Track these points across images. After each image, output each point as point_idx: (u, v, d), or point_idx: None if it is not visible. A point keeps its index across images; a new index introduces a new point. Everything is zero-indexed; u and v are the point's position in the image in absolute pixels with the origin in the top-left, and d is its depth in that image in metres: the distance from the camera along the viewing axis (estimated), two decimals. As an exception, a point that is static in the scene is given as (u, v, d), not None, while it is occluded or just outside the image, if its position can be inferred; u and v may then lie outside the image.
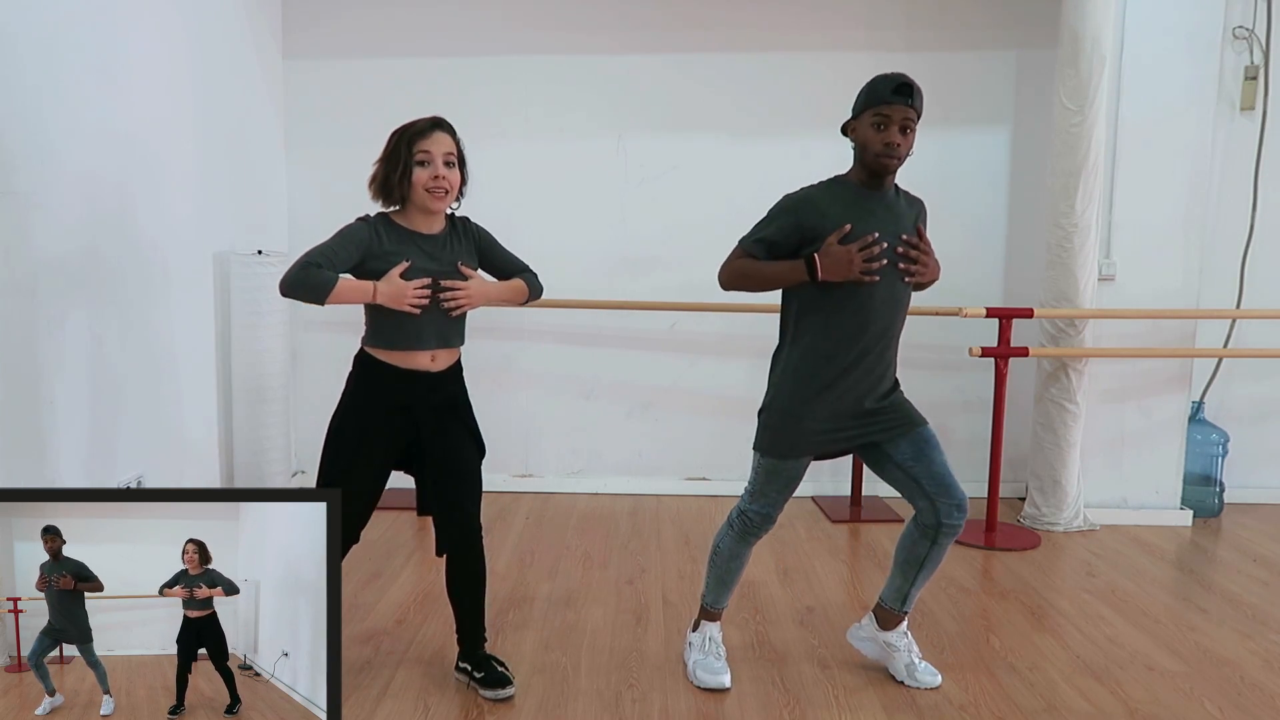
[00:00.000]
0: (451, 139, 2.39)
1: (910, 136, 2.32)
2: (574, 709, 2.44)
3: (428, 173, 2.32)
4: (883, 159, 2.31)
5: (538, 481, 4.63)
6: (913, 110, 2.30)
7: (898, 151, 2.31)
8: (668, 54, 4.44)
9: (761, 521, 2.52)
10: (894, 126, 2.29)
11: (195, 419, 3.68)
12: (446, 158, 2.35)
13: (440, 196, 2.35)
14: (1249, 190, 4.38)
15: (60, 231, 2.81)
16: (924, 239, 2.43)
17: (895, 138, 2.29)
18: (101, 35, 3.03)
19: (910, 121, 2.30)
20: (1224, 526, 4.19)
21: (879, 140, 2.30)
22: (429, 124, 2.37)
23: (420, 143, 2.34)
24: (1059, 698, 2.53)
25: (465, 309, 2.43)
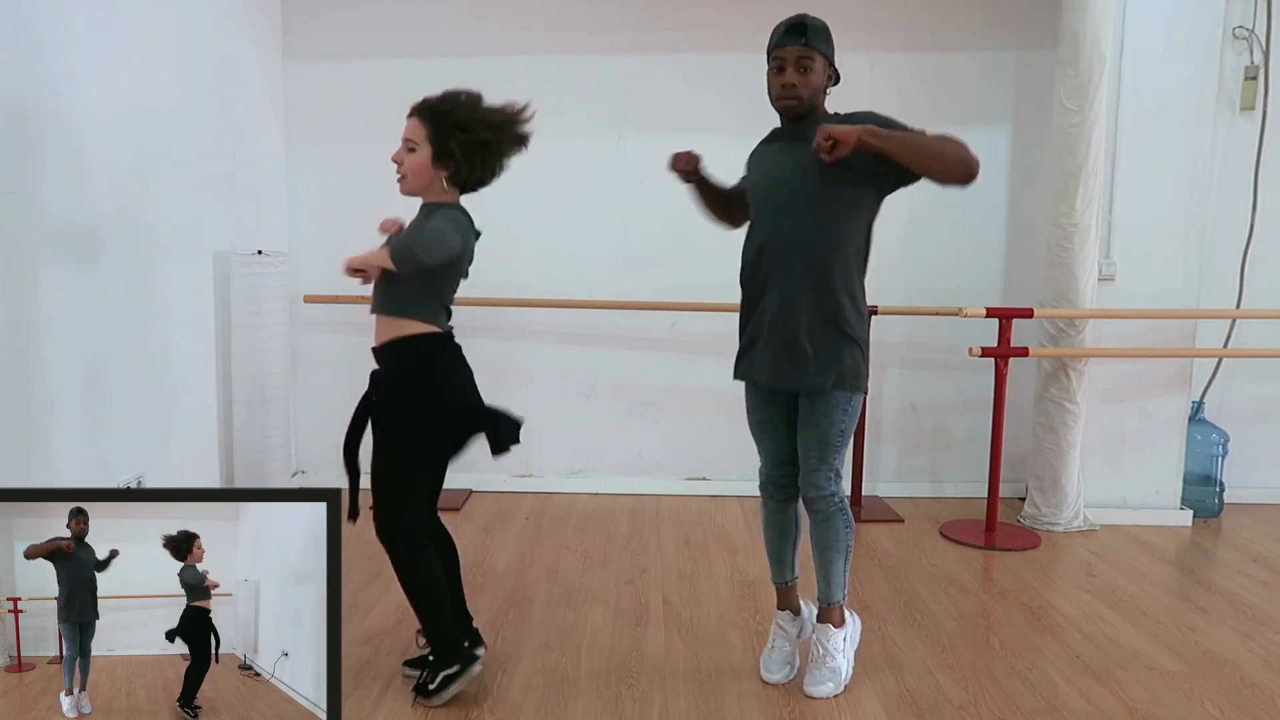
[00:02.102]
0: (419, 122, 2.39)
1: (812, 75, 2.33)
2: (574, 709, 2.44)
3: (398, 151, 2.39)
4: (781, 100, 2.37)
5: (538, 481, 4.63)
6: (808, 49, 2.30)
7: (795, 92, 2.33)
8: (668, 54, 4.44)
9: (767, 478, 2.58)
10: (789, 67, 2.33)
11: (195, 419, 3.68)
12: (407, 143, 2.39)
13: (399, 180, 2.39)
14: (1249, 190, 4.37)
15: (60, 231, 2.81)
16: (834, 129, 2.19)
17: (791, 78, 2.33)
18: (101, 35, 3.03)
19: (808, 60, 2.32)
20: (1224, 526, 4.19)
21: (777, 83, 2.37)
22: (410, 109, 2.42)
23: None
24: (1059, 698, 2.53)
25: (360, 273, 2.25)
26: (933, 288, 4.46)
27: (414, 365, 2.39)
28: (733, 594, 3.27)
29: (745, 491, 4.53)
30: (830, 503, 2.46)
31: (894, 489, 4.60)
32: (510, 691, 2.53)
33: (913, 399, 4.59)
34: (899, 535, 3.97)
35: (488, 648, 2.67)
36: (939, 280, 4.48)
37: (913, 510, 4.34)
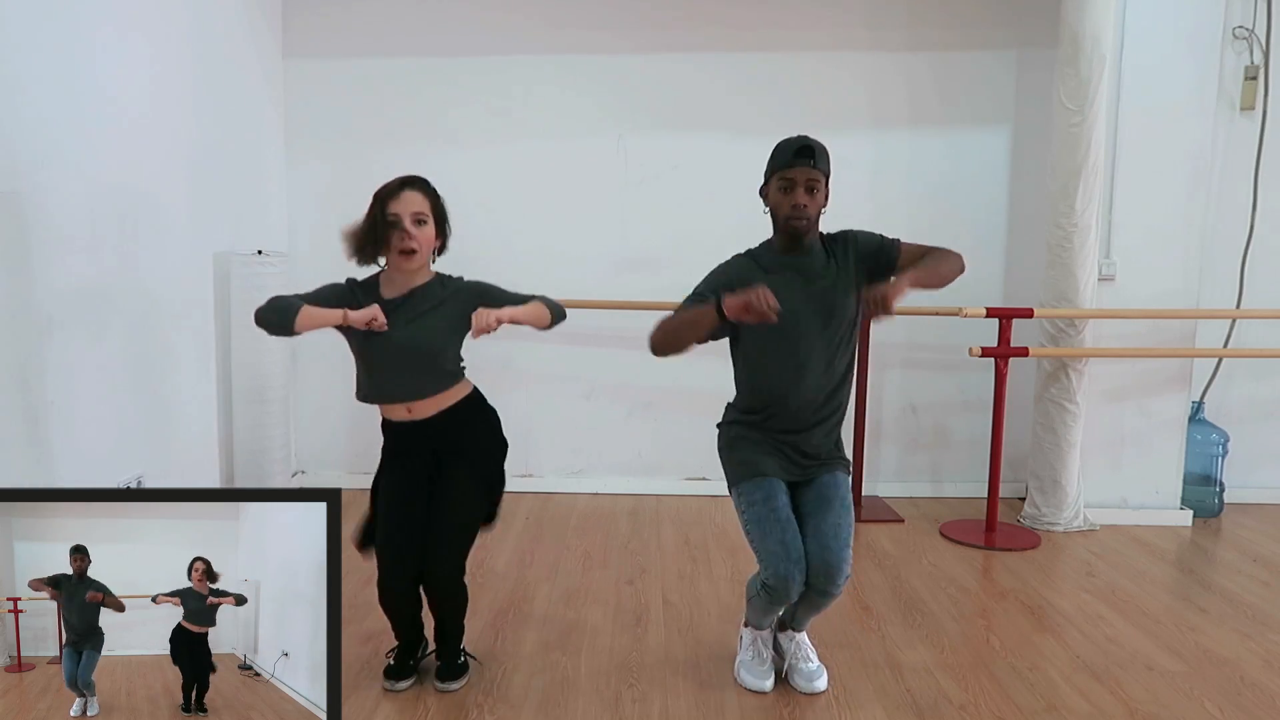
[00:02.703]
0: (422, 195, 2.38)
1: (819, 195, 2.37)
2: (574, 709, 2.44)
3: (397, 235, 2.33)
4: (792, 221, 2.37)
5: (538, 481, 4.63)
6: (816, 170, 2.35)
7: (805, 213, 2.35)
8: (668, 53, 4.44)
9: (780, 584, 2.32)
10: (799, 189, 2.35)
11: (195, 419, 3.68)
12: (416, 216, 2.35)
13: (409, 257, 2.35)
14: (1249, 190, 4.37)
15: (59, 231, 2.81)
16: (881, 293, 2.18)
17: (801, 199, 2.34)
18: (101, 35, 3.03)
19: (816, 181, 2.36)
20: (1224, 526, 4.19)
21: (786, 203, 2.37)
22: (398, 184, 2.37)
23: (390, 204, 2.34)
24: (1059, 698, 2.53)
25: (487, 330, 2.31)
26: (933, 288, 4.45)
27: (487, 416, 2.57)
28: (733, 594, 3.27)
29: (745, 491, 4.53)
30: (843, 584, 2.37)
31: (894, 489, 4.60)
32: (510, 691, 2.53)
33: (913, 399, 4.59)
34: (899, 535, 3.97)
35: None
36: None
37: (913, 510, 4.34)
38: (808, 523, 2.39)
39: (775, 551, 2.32)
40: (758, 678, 2.56)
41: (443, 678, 2.54)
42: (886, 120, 4.45)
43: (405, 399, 2.45)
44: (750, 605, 2.56)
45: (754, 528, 2.39)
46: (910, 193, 4.45)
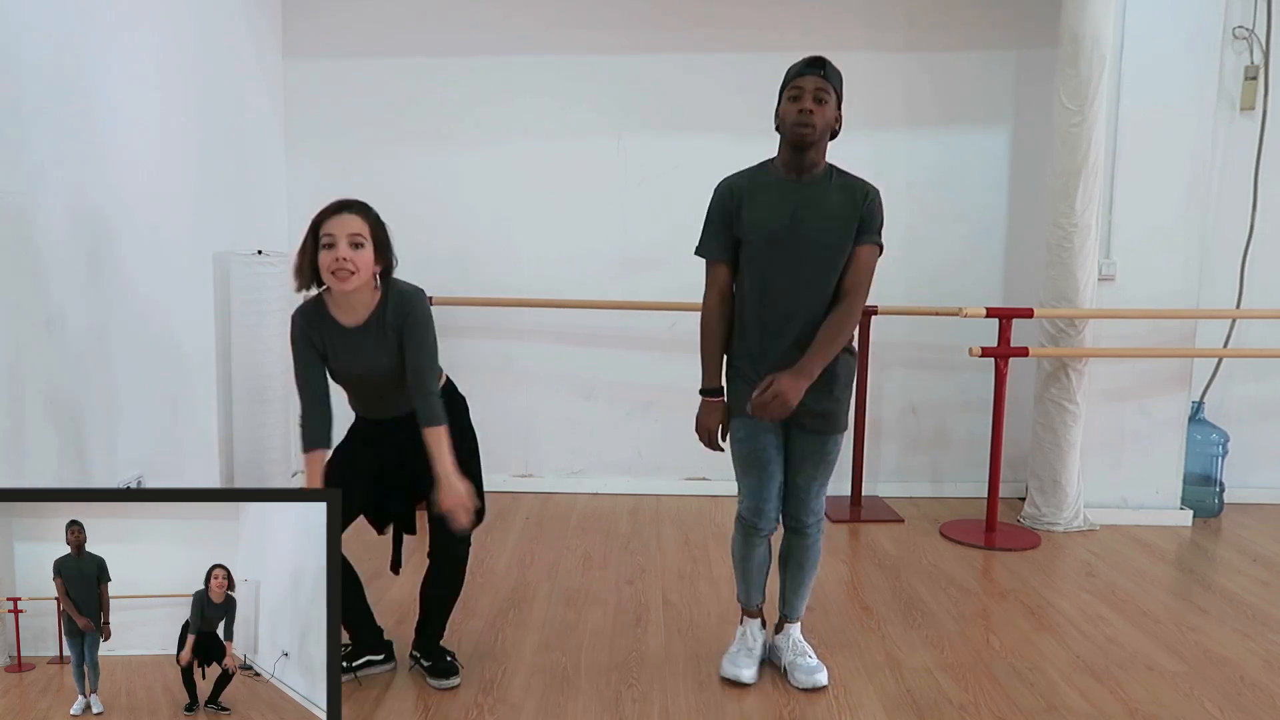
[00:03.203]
0: (361, 219, 2.34)
1: (826, 108, 2.36)
2: (574, 709, 2.44)
3: (331, 255, 2.30)
4: (798, 128, 2.36)
5: (538, 481, 4.63)
6: (825, 81, 2.35)
7: (811, 119, 2.34)
8: (668, 54, 4.44)
9: (753, 516, 2.52)
10: (807, 95, 2.35)
11: (195, 419, 3.68)
12: (352, 239, 2.31)
13: (344, 278, 2.32)
14: (1249, 190, 4.37)
15: (59, 231, 2.80)
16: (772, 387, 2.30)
17: (809, 105, 2.34)
18: (101, 34, 3.03)
19: (824, 92, 2.36)
20: (1224, 526, 4.19)
21: (793, 110, 2.37)
22: (336, 206, 2.36)
23: (325, 225, 2.32)
24: (1059, 698, 2.53)
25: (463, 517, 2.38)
26: (933, 288, 4.46)
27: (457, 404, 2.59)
28: (732, 594, 3.26)
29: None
30: (820, 525, 2.60)
31: (894, 489, 4.60)
32: (510, 691, 2.53)
33: (913, 399, 4.59)
34: (899, 535, 3.97)
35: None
36: (939, 280, 4.48)
37: (913, 510, 4.34)
38: (788, 470, 2.52)
39: (750, 487, 2.53)
40: (737, 666, 2.58)
41: (436, 675, 2.55)
42: (886, 120, 4.45)
43: (390, 413, 2.52)
44: (734, 564, 2.65)
45: (738, 463, 2.55)
46: (910, 193, 4.45)
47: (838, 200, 2.41)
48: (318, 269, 2.33)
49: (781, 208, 2.41)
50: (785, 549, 2.62)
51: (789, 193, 2.42)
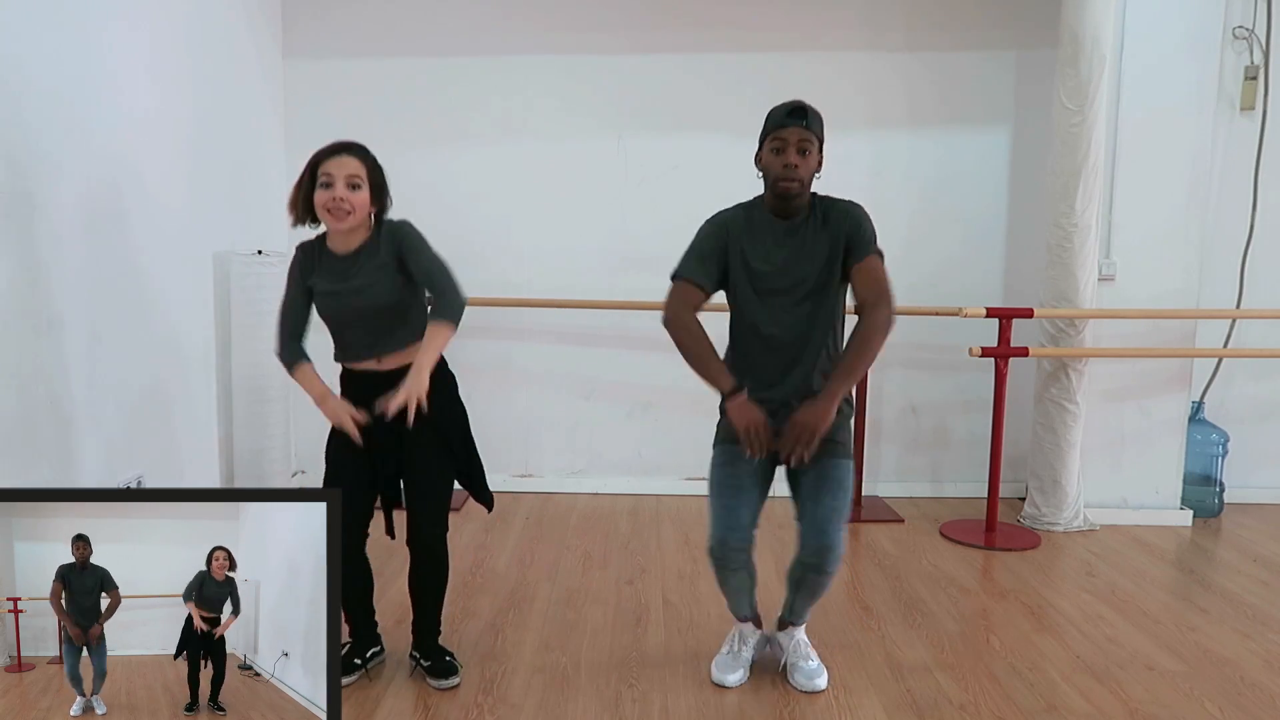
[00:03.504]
0: (359, 161, 2.39)
1: (810, 158, 2.37)
2: (574, 709, 2.44)
3: (327, 194, 2.35)
4: (782, 182, 2.37)
5: (538, 481, 4.63)
6: (809, 132, 2.35)
7: (796, 174, 2.35)
8: (668, 54, 4.44)
9: (719, 549, 2.38)
10: (790, 149, 2.35)
11: (195, 419, 3.68)
12: (350, 180, 2.36)
13: (341, 217, 2.36)
14: (1249, 190, 4.38)
15: (59, 231, 2.81)
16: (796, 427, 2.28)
17: (793, 159, 2.35)
18: (101, 35, 3.03)
19: (808, 143, 2.36)
20: (1224, 526, 4.19)
21: (778, 164, 2.37)
22: (335, 147, 2.40)
23: (324, 165, 2.37)
24: (1059, 698, 2.53)
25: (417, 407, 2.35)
26: (933, 288, 4.46)
27: (447, 379, 2.57)
28: (733, 594, 3.27)
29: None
30: (837, 563, 2.38)
31: (894, 489, 4.60)
32: (510, 691, 2.53)
33: (913, 399, 4.59)
34: (899, 535, 3.97)
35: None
36: (939, 280, 4.48)
37: (913, 510, 4.34)
38: (805, 505, 2.41)
39: (718, 515, 2.41)
40: (722, 671, 2.57)
41: (436, 675, 2.55)
42: (886, 121, 4.45)
43: (377, 354, 2.47)
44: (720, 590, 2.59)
45: (710, 489, 2.49)
46: (910, 193, 4.45)
47: (823, 239, 2.42)
48: (312, 205, 2.38)
49: (775, 253, 2.43)
50: (798, 578, 2.45)
51: (780, 237, 2.44)
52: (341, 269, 2.44)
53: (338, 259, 2.45)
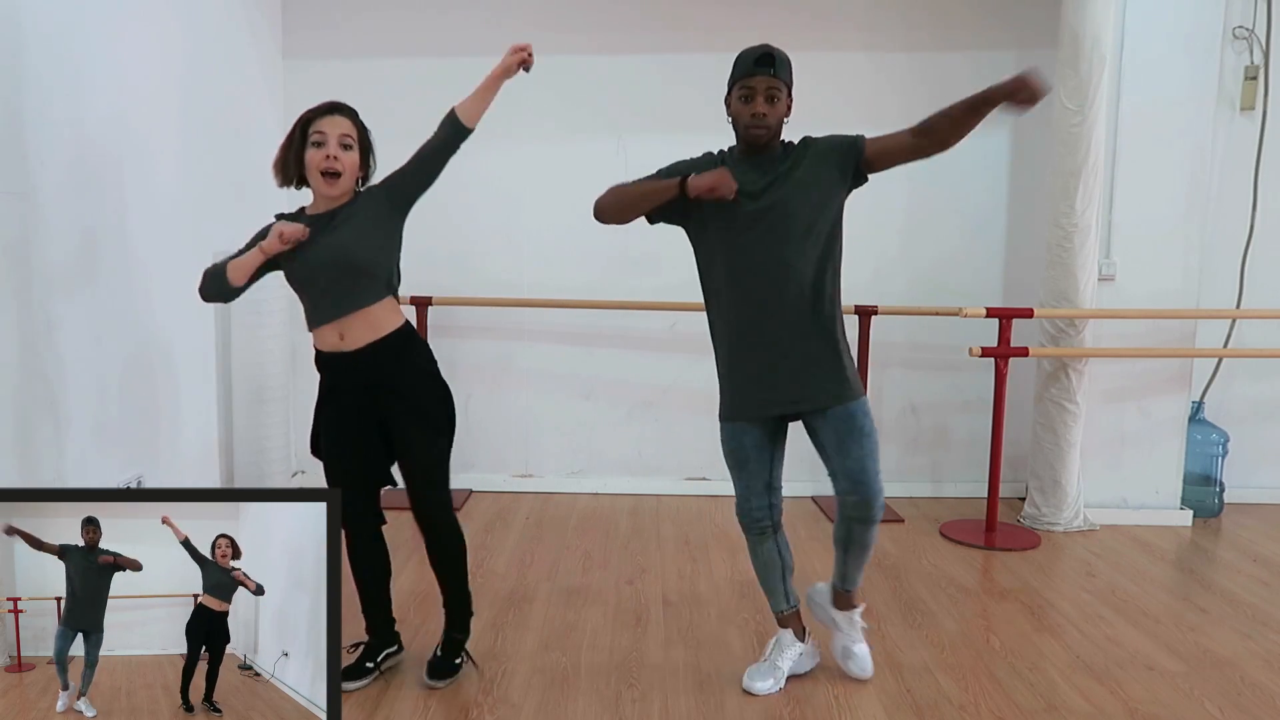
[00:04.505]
0: (350, 122, 2.40)
1: (779, 105, 2.37)
2: (574, 709, 2.44)
3: (321, 153, 2.33)
4: (751, 129, 2.37)
5: (538, 481, 4.63)
6: (776, 79, 2.34)
7: (765, 121, 2.35)
8: (668, 54, 4.44)
9: (743, 510, 2.51)
10: (759, 97, 2.35)
11: (195, 419, 3.68)
12: (342, 139, 2.36)
13: (332, 180, 2.34)
14: (1249, 190, 4.37)
15: (59, 231, 2.80)
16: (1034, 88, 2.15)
17: (761, 108, 2.35)
18: (101, 35, 3.03)
19: (776, 90, 2.36)
20: (1224, 526, 4.19)
21: (746, 112, 2.37)
22: (327, 107, 2.40)
23: (316, 123, 2.36)
24: (1059, 698, 2.53)
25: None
26: (933, 288, 4.45)
27: (420, 349, 2.51)
28: (733, 594, 3.27)
29: (745, 491, 4.53)
30: (882, 508, 2.51)
31: (894, 489, 4.58)
32: (510, 691, 2.53)
33: (913, 399, 4.59)
34: (899, 535, 3.97)
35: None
36: (939, 280, 4.48)
37: (913, 510, 4.34)
38: (833, 460, 2.44)
39: (735, 485, 2.53)
40: (752, 678, 2.57)
41: (432, 673, 2.54)
42: (885, 121, 4.41)
43: (337, 315, 2.39)
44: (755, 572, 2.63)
45: (728, 465, 2.54)
46: (910, 193, 4.45)
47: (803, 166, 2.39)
48: (301, 166, 2.36)
49: (756, 180, 2.39)
50: (844, 535, 2.53)
51: (758, 167, 2.41)
52: (316, 225, 2.40)
53: (314, 218, 2.43)
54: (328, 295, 2.40)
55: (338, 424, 2.49)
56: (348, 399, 2.47)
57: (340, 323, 2.39)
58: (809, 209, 2.37)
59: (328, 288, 2.39)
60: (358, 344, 2.40)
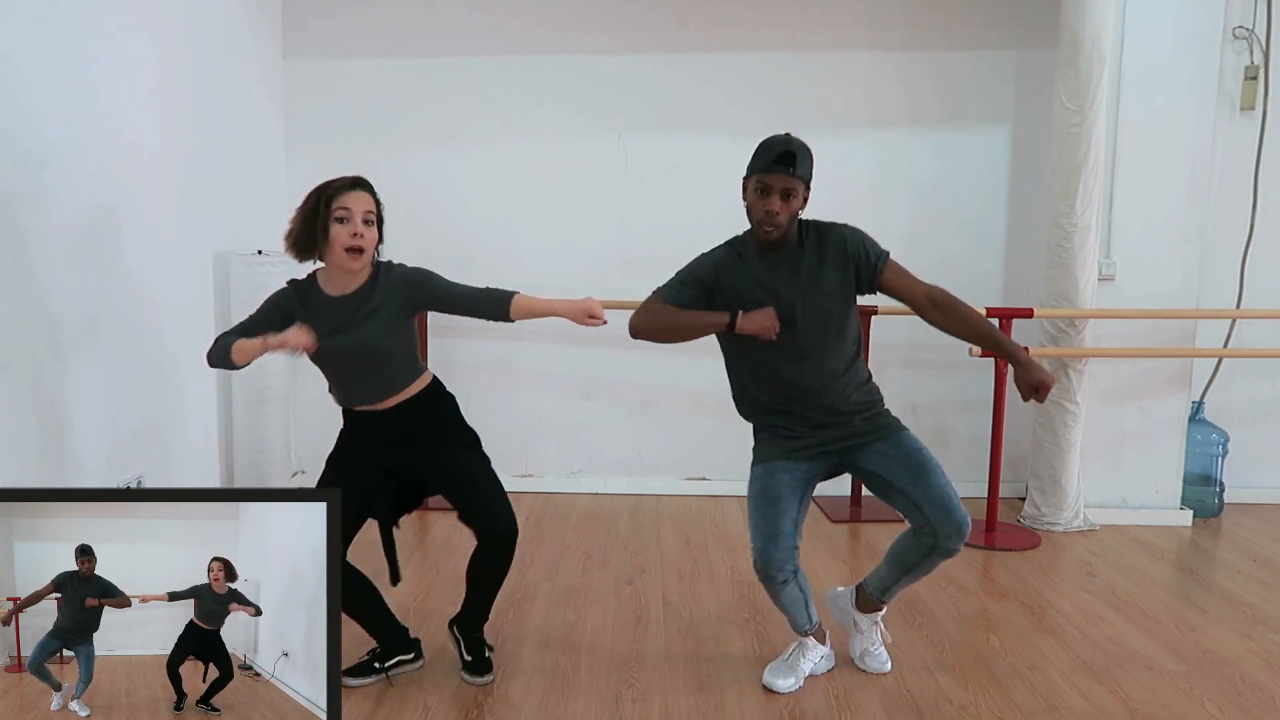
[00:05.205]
0: (371, 198, 2.37)
1: (794, 202, 2.37)
2: (574, 709, 2.44)
3: (346, 230, 2.30)
4: (763, 227, 2.38)
5: (538, 481, 4.63)
6: (795, 179, 2.34)
7: (778, 220, 2.36)
8: (668, 54, 4.44)
9: (761, 559, 2.41)
10: (774, 194, 2.35)
11: (195, 419, 3.68)
12: (365, 215, 2.33)
13: (356, 256, 2.33)
14: (1249, 190, 4.37)
15: (60, 231, 2.81)
16: (1042, 387, 2.41)
17: (775, 205, 2.34)
18: (102, 35, 3.03)
19: (793, 190, 2.35)
20: (1224, 526, 4.19)
21: (760, 207, 2.37)
22: (350, 182, 2.36)
23: (340, 199, 2.31)
24: (1059, 698, 2.53)
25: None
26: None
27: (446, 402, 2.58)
28: (733, 594, 3.27)
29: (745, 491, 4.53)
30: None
31: (894, 489, 4.60)
32: (510, 691, 2.53)
33: (913, 399, 4.59)
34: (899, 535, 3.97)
35: None
36: (939, 280, 4.41)
37: (913, 510, 4.33)
38: (911, 493, 2.42)
39: (756, 527, 2.44)
40: (774, 675, 2.56)
41: (473, 671, 2.56)
42: (886, 121, 4.45)
43: (371, 402, 2.46)
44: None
45: (749, 504, 2.50)
46: (909, 193, 4.45)
47: (826, 263, 2.43)
48: (315, 240, 2.32)
49: (772, 279, 2.42)
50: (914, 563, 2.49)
51: (773, 266, 2.43)
52: (336, 312, 2.38)
53: (334, 302, 2.39)
54: (358, 383, 2.45)
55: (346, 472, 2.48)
56: (370, 452, 2.49)
57: (372, 403, 2.47)
58: (836, 310, 2.44)
59: (358, 378, 2.44)
60: (388, 405, 2.46)
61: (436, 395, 2.54)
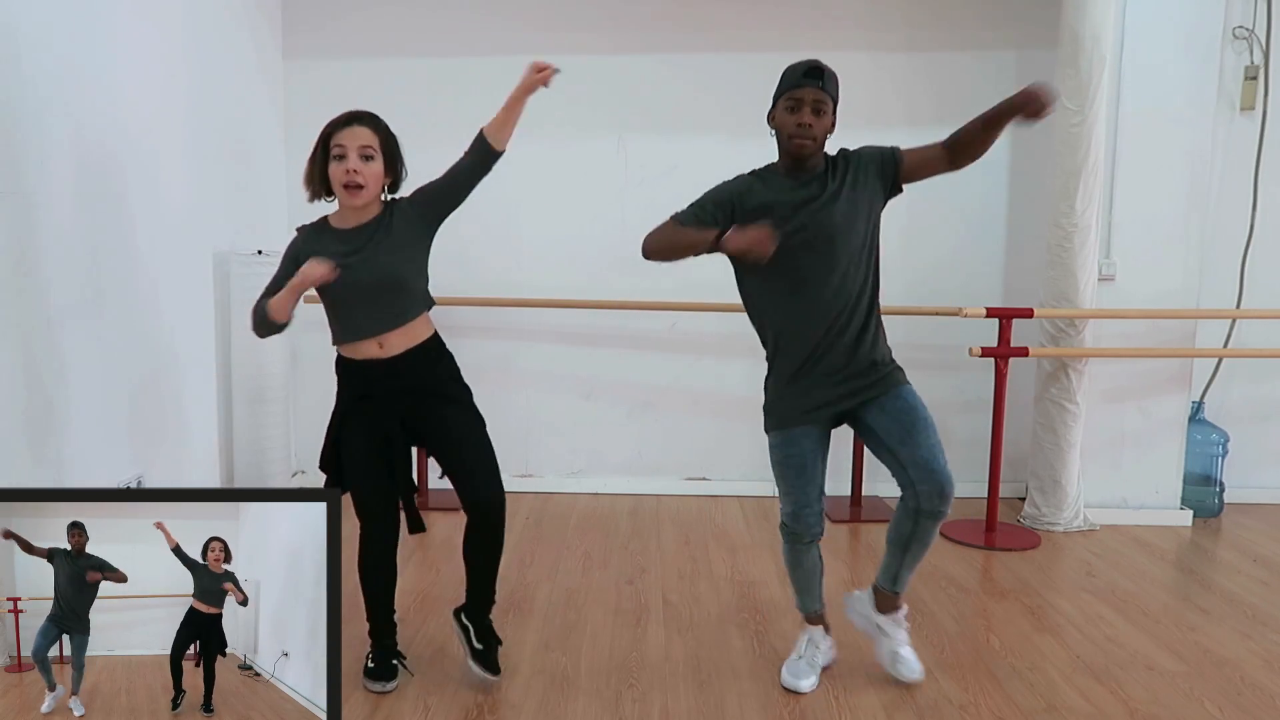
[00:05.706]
0: (371, 131, 2.36)
1: (825, 118, 2.38)
2: (574, 709, 2.44)
3: (342, 167, 2.32)
4: (796, 140, 2.36)
5: (538, 481, 4.63)
6: (824, 92, 2.35)
7: (811, 132, 2.35)
8: (668, 54, 4.44)
9: (794, 522, 2.49)
10: (806, 108, 2.35)
11: (195, 419, 3.68)
12: (363, 150, 2.33)
13: (354, 192, 2.33)
14: (1249, 190, 4.37)
15: (60, 231, 2.81)
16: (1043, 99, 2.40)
17: (808, 118, 2.34)
18: (102, 35, 3.03)
19: (823, 104, 2.36)
20: (1224, 526, 4.19)
21: (792, 122, 2.36)
22: (346, 118, 2.37)
23: (336, 136, 2.33)
24: (1059, 698, 2.53)
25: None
26: (933, 288, 4.45)
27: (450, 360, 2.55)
28: (733, 594, 3.27)
29: (745, 491, 4.53)
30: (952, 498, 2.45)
31: (894, 489, 4.58)
32: (510, 691, 2.53)
33: (913, 399, 4.59)
34: (899, 535, 3.97)
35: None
36: (939, 280, 4.48)
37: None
38: (899, 452, 2.43)
39: (787, 494, 2.48)
40: (795, 676, 2.56)
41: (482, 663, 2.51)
42: (886, 121, 4.44)
43: (379, 332, 2.41)
44: (788, 573, 2.61)
45: (775, 471, 2.52)
46: (910, 193, 4.41)
47: (857, 184, 2.42)
48: (327, 179, 2.35)
49: (798, 195, 2.40)
50: (908, 532, 2.49)
51: (799, 187, 2.41)
52: (349, 244, 2.38)
53: (343, 234, 2.41)
54: (369, 313, 2.41)
55: (365, 435, 2.45)
56: (381, 406, 2.45)
57: (380, 336, 2.42)
58: (860, 225, 2.41)
59: (369, 306, 2.41)
60: (396, 351, 2.43)
61: (439, 349, 2.52)
